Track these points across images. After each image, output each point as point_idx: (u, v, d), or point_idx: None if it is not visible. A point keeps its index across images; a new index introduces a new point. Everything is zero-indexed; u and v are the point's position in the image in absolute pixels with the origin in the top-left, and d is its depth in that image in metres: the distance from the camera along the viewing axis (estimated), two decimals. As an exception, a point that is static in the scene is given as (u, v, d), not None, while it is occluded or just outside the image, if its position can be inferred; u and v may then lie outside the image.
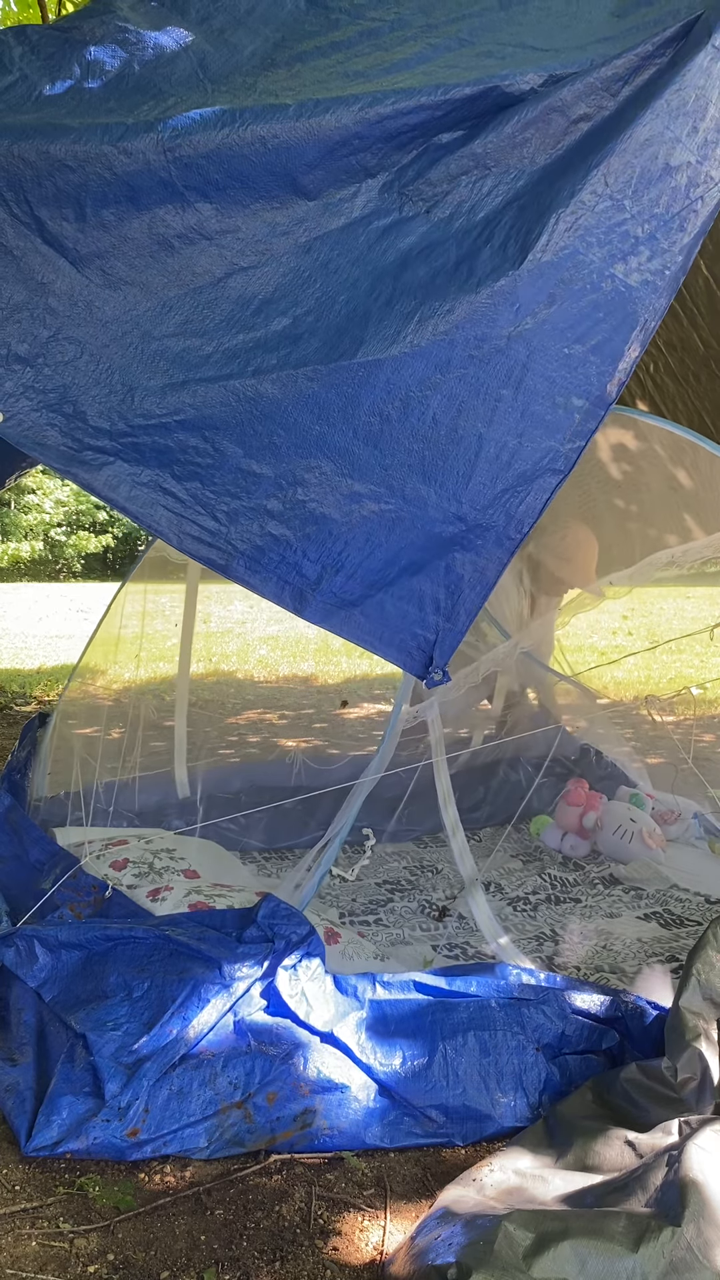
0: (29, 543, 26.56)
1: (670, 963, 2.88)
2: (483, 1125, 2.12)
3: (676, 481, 3.48)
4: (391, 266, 2.02)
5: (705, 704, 6.73)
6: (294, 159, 1.98)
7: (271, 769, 4.27)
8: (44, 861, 2.95)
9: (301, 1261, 1.78)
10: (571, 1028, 2.23)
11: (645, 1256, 1.54)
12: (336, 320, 2.00)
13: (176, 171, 1.97)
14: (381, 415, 2.00)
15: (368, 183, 2.03)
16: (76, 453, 2.02)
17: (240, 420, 2.01)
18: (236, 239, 2.02)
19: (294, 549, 2.05)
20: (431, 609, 2.10)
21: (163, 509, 2.04)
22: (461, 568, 2.09)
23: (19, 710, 7.04)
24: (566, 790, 3.96)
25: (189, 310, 2.03)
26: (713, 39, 1.95)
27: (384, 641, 2.11)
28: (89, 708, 3.94)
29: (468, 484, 2.05)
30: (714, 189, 2.04)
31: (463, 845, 2.72)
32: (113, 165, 1.96)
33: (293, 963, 2.19)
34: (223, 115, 1.97)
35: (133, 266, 2.01)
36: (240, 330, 2.03)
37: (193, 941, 2.24)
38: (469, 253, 2.00)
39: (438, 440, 2.03)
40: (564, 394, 2.04)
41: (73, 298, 2.01)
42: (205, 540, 2.05)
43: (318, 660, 9.60)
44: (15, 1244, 1.81)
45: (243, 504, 2.04)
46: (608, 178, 1.96)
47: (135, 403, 2.02)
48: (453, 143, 2.02)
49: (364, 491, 2.04)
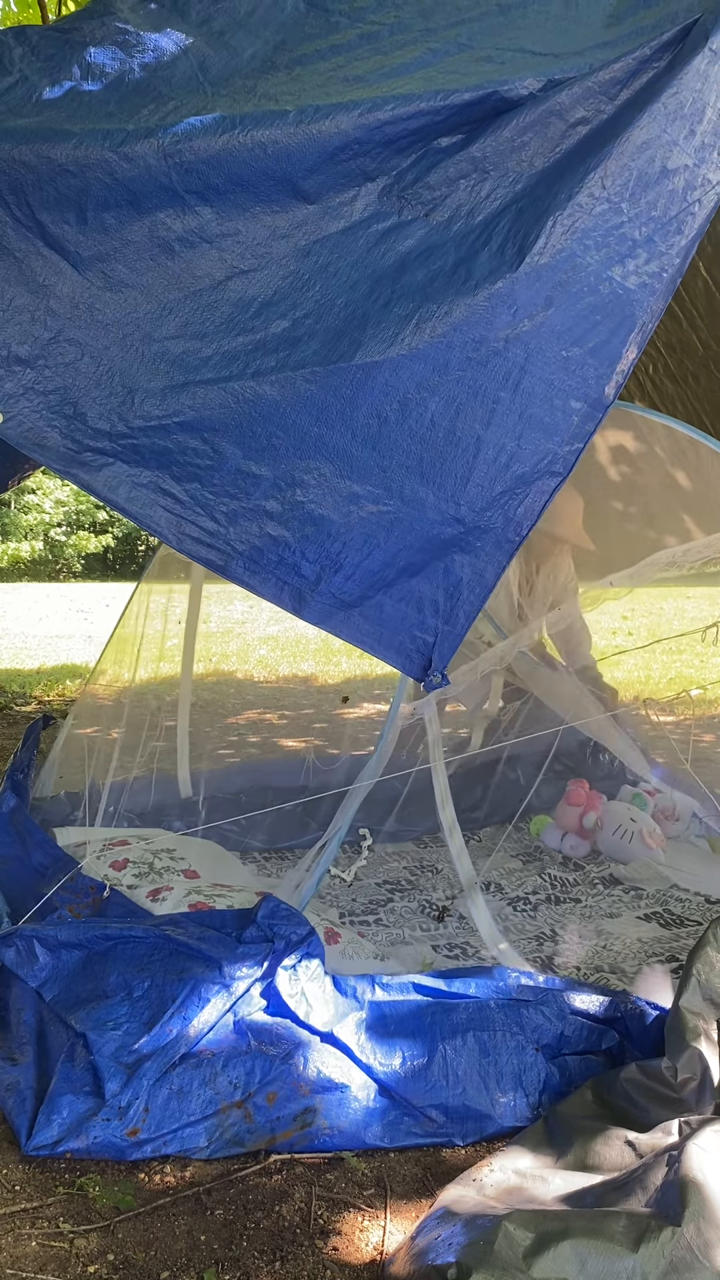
0: (29, 543, 26.56)
1: (670, 963, 2.88)
2: (483, 1125, 2.13)
3: (676, 483, 3.49)
4: (390, 269, 2.03)
5: (705, 704, 6.74)
6: (294, 164, 1.98)
7: (275, 768, 4.27)
8: (46, 864, 2.95)
9: (301, 1261, 1.79)
10: (571, 1028, 2.24)
11: (645, 1256, 1.55)
12: (335, 323, 2.00)
13: (177, 177, 1.98)
14: (380, 417, 2.01)
15: (367, 186, 2.04)
16: (76, 454, 2.02)
17: (239, 422, 2.02)
18: (236, 242, 2.03)
19: (293, 550, 2.06)
20: (430, 611, 2.10)
21: (162, 510, 2.05)
22: (460, 570, 2.10)
23: (19, 710, 7.05)
24: (567, 790, 3.96)
25: (189, 313, 2.04)
26: (710, 43, 1.95)
27: (382, 644, 2.12)
28: (91, 708, 3.95)
29: (465, 486, 2.05)
30: (711, 192, 2.05)
31: (460, 847, 2.72)
32: (114, 170, 1.97)
33: (292, 963, 2.20)
34: (223, 121, 1.98)
35: (133, 269, 2.02)
36: (240, 332, 2.04)
37: (193, 941, 2.25)
38: (467, 255, 2.01)
39: (435, 442, 2.04)
40: (562, 396, 2.04)
41: (73, 300, 2.02)
42: (204, 541, 2.06)
43: (318, 660, 9.60)
44: (15, 1244, 1.81)
45: (242, 505, 2.05)
46: (605, 181, 1.97)
47: (135, 404, 2.03)
48: (451, 146, 2.03)
49: (362, 493, 2.04)
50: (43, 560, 27.49)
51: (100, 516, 28.18)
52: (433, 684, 2.11)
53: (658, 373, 5.03)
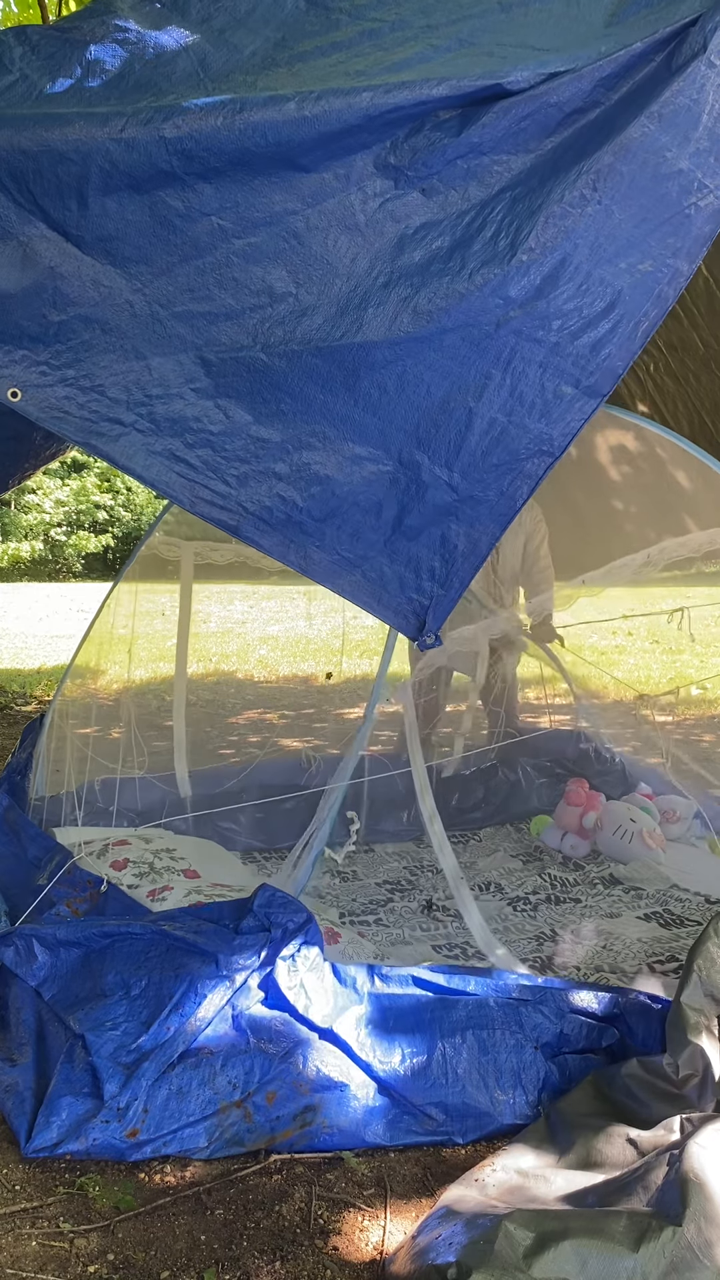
0: (29, 543, 26.53)
1: (670, 962, 2.88)
2: (482, 1122, 2.13)
3: (676, 483, 3.49)
4: (389, 247, 2.10)
5: (705, 704, 6.73)
6: (294, 144, 2.03)
7: (274, 767, 4.26)
8: (41, 859, 2.95)
9: (302, 1261, 1.79)
10: (570, 1027, 2.24)
11: (646, 1256, 1.54)
12: (337, 296, 2.10)
13: (178, 161, 2.01)
14: (380, 387, 2.13)
15: (365, 158, 2.08)
16: (94, 424, 2.11)
17: (250, 389, 2.12)
18: (236, 215, 2.07)
19: (299, 509, 2.16)
20: (427, 575, 2.21)
21: (176, 475, 2.15)
22: (456, 538, 2.20)
23: (19, 710, 7.04)
24: (566, 790, 3.96)
25: (197, 284, 2.12)
26: (709, 52, 1.97)
27: (381, 604, 2.23)
28: (87, 707, 3.94)
29: (458, 454, 2.15)
30: (708, 196, 2.07)
31: (441, 836, 2.74)
32: (113, 156, 2.00)
33: (291, 952, 2.19)
34: (224, 104, 2.01)
35: (137, 247, 2.09)
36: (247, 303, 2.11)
37: (190, 935, 2.24)
38: (462, 241, 2.08)
39: (430, 410, 2.14)
40: (553, 380, 2.14)
41: (81, 278, 2.09)
42: (217, 503, 2.16)
43: (318, 660, 9.60)
44: (15, 1244, 1.81)
45: (252, 468, 2.15)
46: (596, 183, 2.02)
47: (150, 374, 2.11)
48: (450, 130, 2.05)
49: (364, 454, 2.15)
50: (43, 560, 27.46)
51: (100, 516, 28.15)
52: (426, 644, 2.23)
53: (658, 372, 5.02)
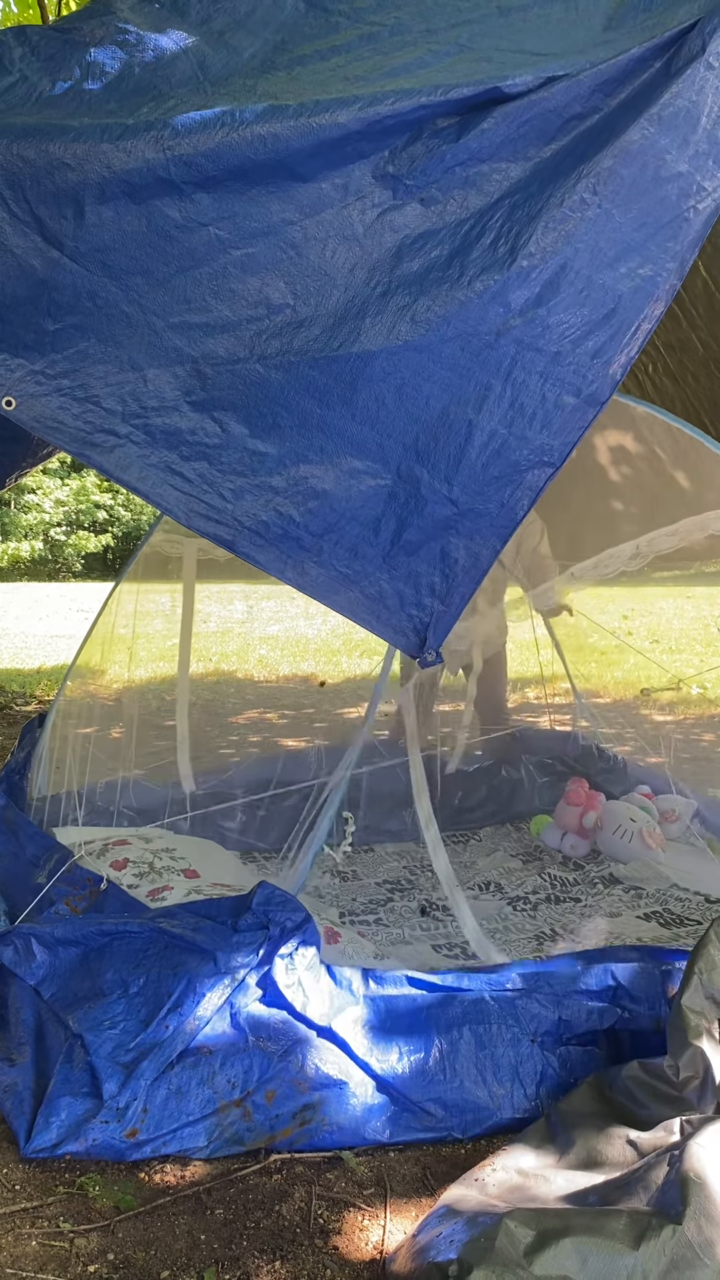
0: (29, 542, 26.53)
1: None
2: (481, 1117, 2.13)
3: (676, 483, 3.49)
4: (387, 257, 2.08)
5: (705, 704, 6.73)
6: (293, 154, 2.02)
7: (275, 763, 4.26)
8: (40, 858, 2.95)
9: (302, 1261, 1.79)
10: (569, 1012, 2.23)
11: (646, 1254, 1.55)
12: (335, 307, 2.07)
13: (176, 170, 2.00)
14: (378, 399, 2.09)
15: (363, 166, 2.07)
16: (89, 435, 2.09)
17: (247, 402, 2.09)
18: (233, 224, 2.06)
19: (297, 524, 2.13)
20: (427, 591, 2.17)
21: (171, 488, 2.12)
22: (456, 552, 2.16)
23: (19, 710, 7.05)
24: (566, 790, 3.97)
25: (193, 295, 2.10)
26: (707, 55, 1.97)
27: (381, 621, 2.19)
28: (88, 707, 3.94)
29: (458, 467, 2.12)
30: (707, 199, 2.07)
31: (436, 840, 2.73)
32: (111, 164, 1.99)
33: (289, 951, 2.19)
34: (223, 115, 2.00)
35: (134, 257, 2.07)
36: (243, 314, 2.09)
37: (188, 933, 2.25)
38: (461, 248, 2.06)
39: (429, 423, 2.11)
40: (554, 390, 2.10)
41: (76, 290, 2.07)
42: (212, 518, 2.13)
43: (318, 660, 9.60)
44: (15, 1243, 1.81)
45: (248, 482, 2.12)
46: (596, 187, 2.01)
47: (145, 386, 2.09)
48: (448, 136, 2.05)
49: (362, 468, 2.12)
50: (43, 560, 27.46)
51: (100, 516, 28.15)
52: (427, 661, 2.19)
53: (658, 372, 5.03)
